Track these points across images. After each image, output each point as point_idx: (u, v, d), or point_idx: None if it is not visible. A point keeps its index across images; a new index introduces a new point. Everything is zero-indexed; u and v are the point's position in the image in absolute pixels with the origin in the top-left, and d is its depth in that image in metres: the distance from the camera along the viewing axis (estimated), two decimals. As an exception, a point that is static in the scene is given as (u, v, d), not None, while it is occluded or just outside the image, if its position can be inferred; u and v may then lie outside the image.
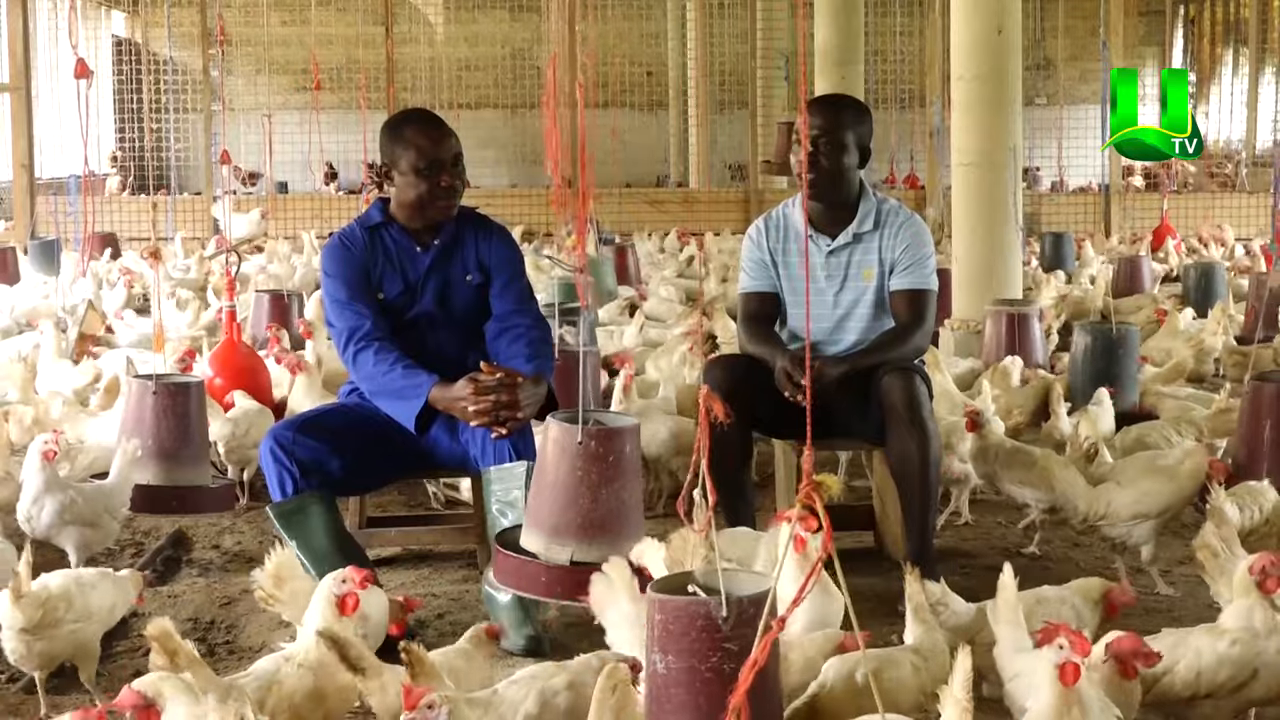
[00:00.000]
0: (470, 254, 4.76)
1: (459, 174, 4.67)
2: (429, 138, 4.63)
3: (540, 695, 3.14)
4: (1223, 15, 25.32)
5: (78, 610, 3.77)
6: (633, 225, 16.04)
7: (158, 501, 4.95)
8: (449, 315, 4.73)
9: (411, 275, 4.71)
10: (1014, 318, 7.80)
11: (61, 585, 3.79)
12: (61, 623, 3.73)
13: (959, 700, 2.74)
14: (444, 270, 4.73)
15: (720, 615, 2.81)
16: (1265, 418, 5.24)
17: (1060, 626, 2.94)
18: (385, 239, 4.73)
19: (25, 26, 16.09)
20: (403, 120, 4.75)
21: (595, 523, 3.71)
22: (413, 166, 4.61)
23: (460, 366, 4.65)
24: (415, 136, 4.63)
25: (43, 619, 3.69)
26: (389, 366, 4.52)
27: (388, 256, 4.71)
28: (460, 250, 4.75)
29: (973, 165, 8.54)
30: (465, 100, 22.31)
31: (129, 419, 4.95)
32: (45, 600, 3.71)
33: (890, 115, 20.09)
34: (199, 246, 14.75)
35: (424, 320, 4.71)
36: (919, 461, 4.66)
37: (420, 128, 4.67)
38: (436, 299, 4.71)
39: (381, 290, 4.69)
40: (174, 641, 3.16)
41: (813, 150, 4.80)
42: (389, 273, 4.70)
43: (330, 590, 3.44)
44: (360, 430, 4.64)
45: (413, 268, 4.71)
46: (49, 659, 3.77)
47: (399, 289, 4.69)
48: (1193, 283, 10.97)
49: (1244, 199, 18.28)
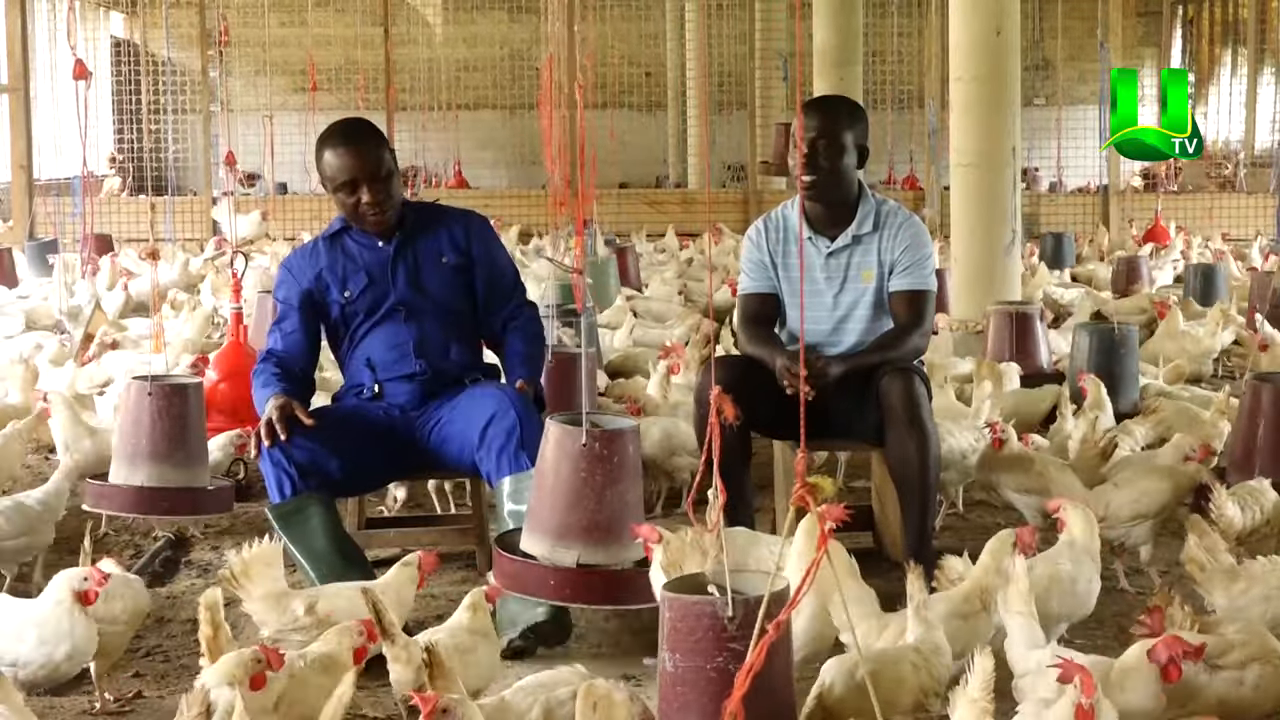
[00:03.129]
0: (441, 236, 4.79)
1: (384, 185, 4.64)
2: (342, 156, 4.63)
3: (545, 705, 3.14)
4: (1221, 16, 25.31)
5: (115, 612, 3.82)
6: (631, 226, 16.03)
7: (154, 503, 4.94)
8: (426, 299, 4.75)
9: (375, 266, 4.74)
10: (1017, 318, 7.79)
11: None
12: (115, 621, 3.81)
13: (976, 701, 2.73)
14: (412, 255, 4.75)
15: (726, 615, 2.81)
16: (1261, 417, 5.25)
17: (1078, 668, 2.90)
18: (347, 243, 4.79)
19: (24, 27, 16.07)
20: (323, 138, 4.74)
21: (600, 525, 3.71)
22: (335, 185, 4.66)
23: (444, 357, 4.69)
24: (331, 156, 4.64)
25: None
26: (260, 385, 4.67)
27: (349, 257, 4.76)
28: (427, 235, 4.78)
29: (971, 166, 8.55)
30: (464, 101, 22.31)
31: (126, 420, 4.94)
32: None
33: (888, 116, 20.08)
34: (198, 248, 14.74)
35: (401, 309, 4.73)
36: (918, 462, 4.66)
37: (335, 147, 4.65)
38: (409, 283, 4.73)
39: (347, 289, 4.73)
40: (220, 616, 3.28)
41: (810, 152, 4.79)
42: (352, 271, 4.74)
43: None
44: (359, 431, 4.64)
45: (376, 260, 4.75)
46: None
47: (364, 283, 4.73)
48: (1194, 283, 10.96)
49: (1242, 199, 18.28)
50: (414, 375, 4.72)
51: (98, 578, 3.64)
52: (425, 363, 4.71)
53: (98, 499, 4.91)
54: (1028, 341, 7.71)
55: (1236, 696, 3.28)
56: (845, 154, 4.87)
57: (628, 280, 11.65)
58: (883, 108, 20.33)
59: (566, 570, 3.72)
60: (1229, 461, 5.26)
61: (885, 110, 20.29)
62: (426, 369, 4.71)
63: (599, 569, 3.73)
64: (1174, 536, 5.24)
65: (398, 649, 3.38)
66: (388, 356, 4.73)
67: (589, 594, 3.78)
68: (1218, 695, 3.27)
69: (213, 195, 17.10)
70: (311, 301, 4.76)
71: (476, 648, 3.54)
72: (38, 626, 3.63)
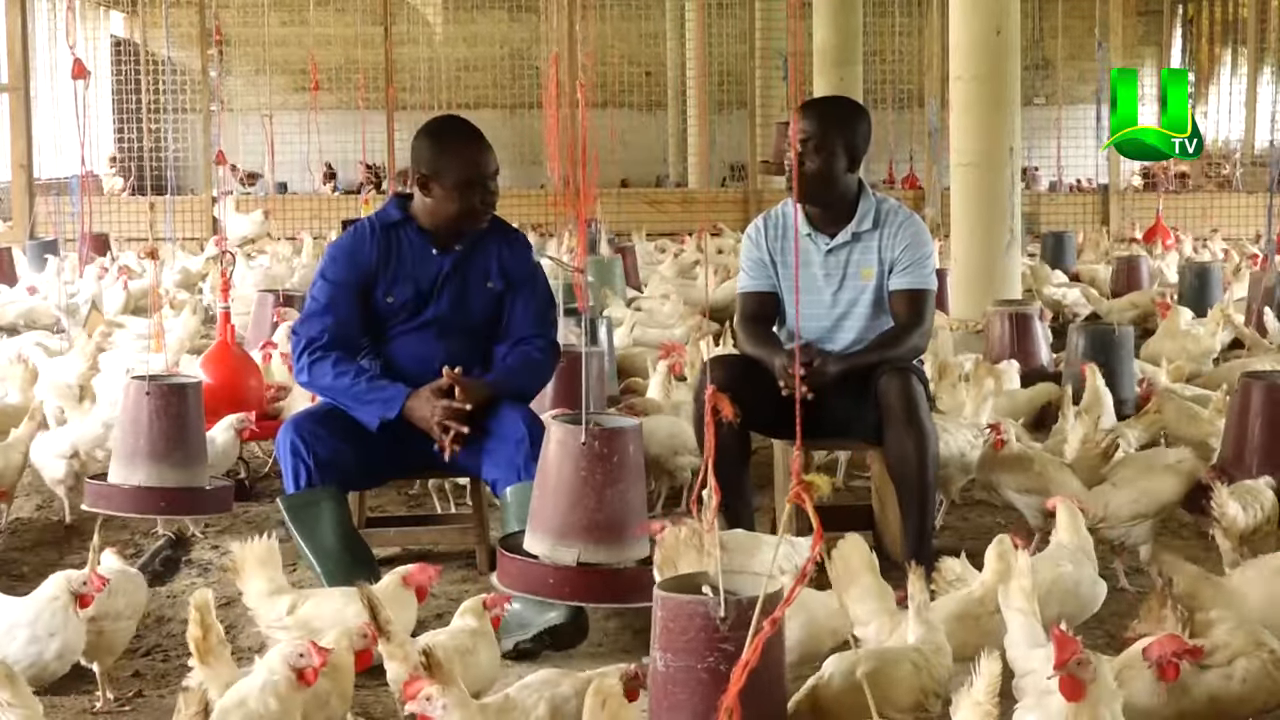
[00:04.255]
0: (493, 261, 4.73)
1: (497, 187, 4.67)
2: (476, 154, 4.62)
3: (551, 702, 3.14)
4: (1221, 15, 25.30)
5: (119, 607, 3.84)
6: (632, 225, 16.02)
7: (153, 503, 4.94)
8: (464, 320, 4.70)
9: (425, 279, 4.67)
10: (1017, 318, 7.79)
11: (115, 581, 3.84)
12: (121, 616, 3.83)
13: (980, 704, 2.73)
14: (463, 275, 4.69)
15: (719, 615, 2.81)
16: (1253, 416, 5.25)
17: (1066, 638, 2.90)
18: (401, 239, 4.69)
19: (24, 27, 16.07)
20: (448, 130, 4.70)
21: (601, 524, 3.72)
22: (458, 182, 4.59)
23: (467, 375, 4.64)
24: (464, 150, 4.61)
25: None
26: (352, 379, 4.57)
27: (400, 259, 4.67)
28: (482, 256, 4.72)
29: (971, 165, 8.55)
30: (464, 100, 22.27)
31: (125, 420, 4.94)
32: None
33: (889, 115, 20.08)
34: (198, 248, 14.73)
35: (436, 324, 4.69)
36: (917, 461, 4.66)
37: (467, 142, 4.65)
38: (453, 303, 4.68)
39: (391, 294, 4.67)
40: (211, 617, 3.26)
41: (800, 153, 4.81)
42: (400, 276, 4.67)
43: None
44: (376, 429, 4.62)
45: (426, 271, 4.68)
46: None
47: (409, 294, 4.67)
48: (1189, 283, 10.96)
49: (1241, 199, 18.27)
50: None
51: (97, 583, 3.64)
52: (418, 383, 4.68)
53: (96, 499, 4.91)
54: (1027, 341, 7.71)
55: (1227, 692, 3.28)
56: (833, 157, 4.86)
57: (629, 280, 11.64)
58: (883, 107, 20.32)
59: (566, 569, 3.73)
60: (1223, 460, 5.26)
61: (885, 110, 20.29)
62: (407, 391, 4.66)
63: (599, 567, 3.74)
64: (1174, 536, 5.25)
65: (394, 647, 3.38)
66: (412, 368, 4.67)
67: (589, 592, 3.78)
68: (1209, 692, 3.27)
69: (213, 195, 17.10)
70: (362, 288, 4.68)
71: (477, 648, 3.54)
72: (29, 624, 3.63)
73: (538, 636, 4.11)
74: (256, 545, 3.91)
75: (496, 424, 4.54)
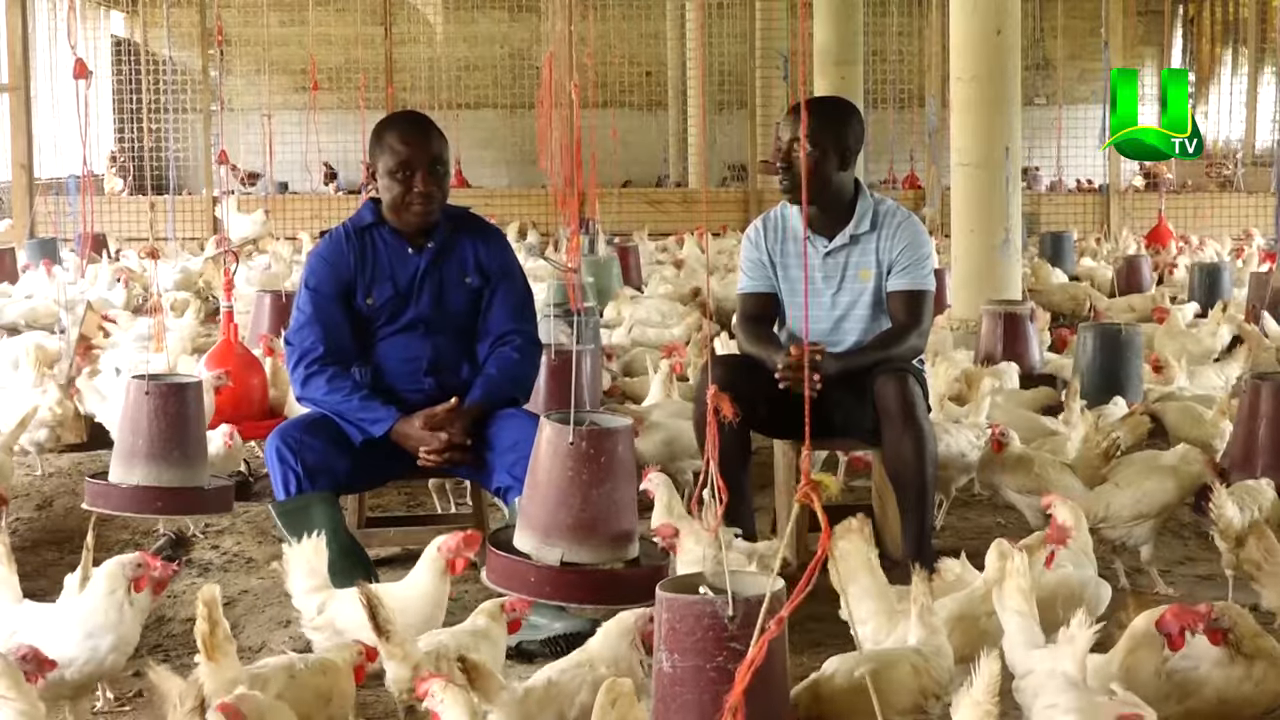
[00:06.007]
0: (468, 256, 4.74)
1: (437, 179, 4.63)
2: (406, 141, 4.62)
3: (593, 685, 3.15)
4: (1222, 15, 25.30)
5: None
6: (632, 225, 16.02)
7: (152, 502, 4.93)
8: (445, 318, 4.71)
9: (403, 279, 4.69)
10: (1007, 318, 7.76)
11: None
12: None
13: (980, 704, 2.73)
14: (439, 272, 4.70)
15: (726, 615, 2.81)
16: (1261, 416, 5.25)
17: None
18: (376, 241, 4.71)
19: (24, 26, 16.08)
20: (387, 122, 4.75)
21: (585, 524, 3.70)
22: (388, 169, 4.62)
23: (455, 375, 4.65)
24: (393, 139, 4.63)
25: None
26: (344, 396, 4.58)
27: (377, 260, 4.69)
28: (456, 252, 4.73)
29: (971, 165, 8.55)
30: (464, 100, 22.27)
31: (125, 419, 4.94)
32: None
33: (889, 115, 20.08)
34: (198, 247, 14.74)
35: (420, 324, 4.69)
36: (915, 462, 4.66)
37: (400, 131, 4.66)
38: (433, 302, 4.69)
39: (370, 295, 4.68)
40: (218, 613, 3.27)
41: (785, 154, 4.82)
42: (379, 277, 4.68)
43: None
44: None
45: (404, 271, 4.69)
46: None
47: (389, 294, 4.68)
48: (1197, 282, 10.94)
49: (1241, 199, 18.27)
50: (423, 392, 4.69)
51: (152, 564, 3.67)
52: (435, 380, 4.68)
53: (96, 498, 4.90)
54: (1018, 342, 7.67)
55: (1237, 692, 3.28)
56: (824, 158, 4.85)
57: (629, 279, 11.64)
58: (883, 107, 20.32)
59: (548, 568, 3.71)
60: (1230, 461, 5.25)
61: (885, 110, 20.29)
62: (435, 387, 4.67)
63: (582, 568, 3.72)
64: (1174, 536, 5.25)
65: (392, 647, 3.38)
66: (399, 370, 4.69)
67: (570, 592, 3.76)
68: (1217, 690, 3.28)
69: (213, 194, 17.10)
70: (344, 293, 4.69)
71: (478, 649, 3.54)
72: (82, 621, 3.61)
73: (546, 641, 4.11)
74: (304, 545, 3.93)
75: (496, 433, 4.54)
